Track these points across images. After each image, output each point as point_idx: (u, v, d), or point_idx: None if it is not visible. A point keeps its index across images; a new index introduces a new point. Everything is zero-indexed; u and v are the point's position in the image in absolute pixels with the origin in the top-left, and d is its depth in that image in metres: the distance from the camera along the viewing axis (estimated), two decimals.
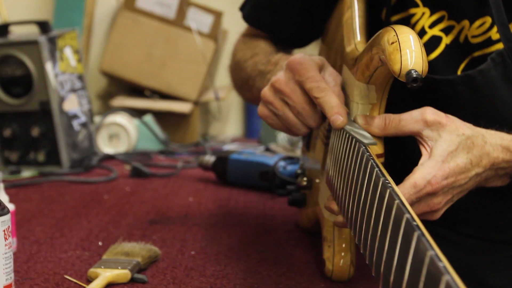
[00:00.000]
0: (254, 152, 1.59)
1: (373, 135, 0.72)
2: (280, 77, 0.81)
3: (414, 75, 0.64)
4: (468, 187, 0.72)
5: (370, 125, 0.73)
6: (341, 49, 0.87)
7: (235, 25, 2.63)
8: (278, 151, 1.82)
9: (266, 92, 0.82)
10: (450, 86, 0.82)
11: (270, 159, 1.46)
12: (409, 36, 0.66)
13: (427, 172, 0.68)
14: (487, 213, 0.89)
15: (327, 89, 0.77)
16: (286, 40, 1.06)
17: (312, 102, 0.80)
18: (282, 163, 1.43)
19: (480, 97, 0.82)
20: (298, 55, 0.81)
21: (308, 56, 0.81)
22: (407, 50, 0.65)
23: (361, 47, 0.80)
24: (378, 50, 0.68)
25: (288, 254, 0.99)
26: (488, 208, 0.88)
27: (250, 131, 2.58)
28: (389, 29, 0.67)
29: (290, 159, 1.47)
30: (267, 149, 1.89)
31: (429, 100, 0.85)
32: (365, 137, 0.70)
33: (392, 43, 0.66)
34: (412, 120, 0.71)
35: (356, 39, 0.84)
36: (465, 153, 0.69)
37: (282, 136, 1.92)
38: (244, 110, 2.66)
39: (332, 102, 0.76)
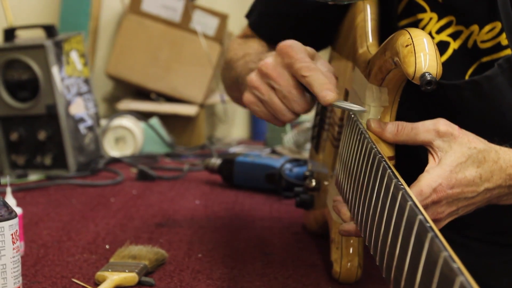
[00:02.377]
0: (260, 155, 1.59)
1: (385, 141, 0.72)
2: (268, 60, 0.80)
3: (428, 78, 0.63)
4: (476, 202, 0.70)
5: (382, 130, 0.73)
6: (353, 52, 0.87)
7: (240, 27, 2.64)
8: (284, 153, 1.82)
9: (253, 77, 0.81)
10: (456, 91, 0.82)
11: (276, 162, 1.46)
12: (423, 39, 0.66)
13: (434, 180, 0.67)
14: (492, 216, 0.88)
15: (317, 69, 0.77)
16: None
17: (300, 86, 0.79)
18: (288, 165, 1.43)
19: (487, 103, 0.81)
20: (288, 40, 0.81)
21: (298, 42, 0.81)
22: (421, 53, 0.64)
23: (373, 50, 0.80)
24: (392, 53, 0.68)
25: (295, 256, 0.99)
26: (494, 211, 0.88)
27: (256, 134, 2.58)
28: (403, 32, 0.67)
29: (296, 161, 1.47)
30: (273, 152, 1.89)
31: (435, 105, 0.85)
32: (355, 107, 0.74)
33: (407, 45, 0.66)
34: (425, 129, 0.69)
35: (368, 42, 0.84)
36: (475, 167, 0.68)
37: (288, 139, 1.92)
38: (250, 113, 2.66)
39: (321, 79, 0.76)
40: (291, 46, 0.79)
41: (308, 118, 2.07)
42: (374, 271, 0.89)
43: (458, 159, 0.68)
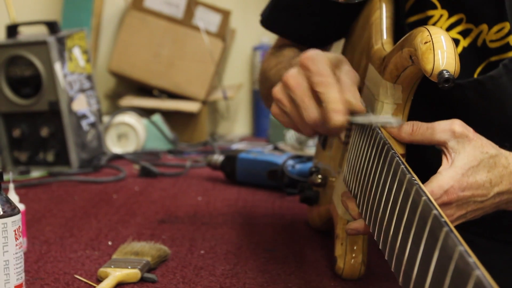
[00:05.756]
0: (263, 151, 1.59)
1: (400, 141, 0.72)
2: (290, 72, 0.79)
3: (446, 76, 0.64)
4: (485, 207, 0.71)
5: (398, 130, 0.72)
6: (368, 49, 0.87)
7: (243, 24, 2.64)
8: (287, 150, 1.82)
9: (276, 89, 0.80)
10: (460, 91, 0.82)
11: (278, 158, 1.46)
12: (441, 37, 0.66)
13: (445, 181, 0.67)
14: (498, 213, 0.88)
15: (333, 85, 0.74)
16: (305, 41, 1.05)
17: (314, 98, 0.77)
18: (290, 162, 1.43)
19: (490, 103, 0.81)
20: (312, 51, 0.79)
21: (322, 52, 0.79)
22: (439, 51, 0.65)
23: (388, 47, 0.80)
24: (410, 50, 0.68)
25: (297, 252, 0.99)
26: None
27: (258, 130, 2.58)
28: (422, 29, 0.68)
29: (299, 158, 1.47)
30: (276, 148, 1.88)
31: (440, 104, 0.85)
32: (390, 118, 0.72)
33: (426, 43, 0.66)
34: (440, 129, 0.70)
35: (383, 39, 0.84)
36: (486, 172, 0.68)
37: (290, 135, 1.92)
38: (252, 109, 2.66)
39: (334, 98, 0.73)
40: (311, 58, 0.77)
41: None
42: (378, 269, 0.89)
43: (471, 163, 0.68)
